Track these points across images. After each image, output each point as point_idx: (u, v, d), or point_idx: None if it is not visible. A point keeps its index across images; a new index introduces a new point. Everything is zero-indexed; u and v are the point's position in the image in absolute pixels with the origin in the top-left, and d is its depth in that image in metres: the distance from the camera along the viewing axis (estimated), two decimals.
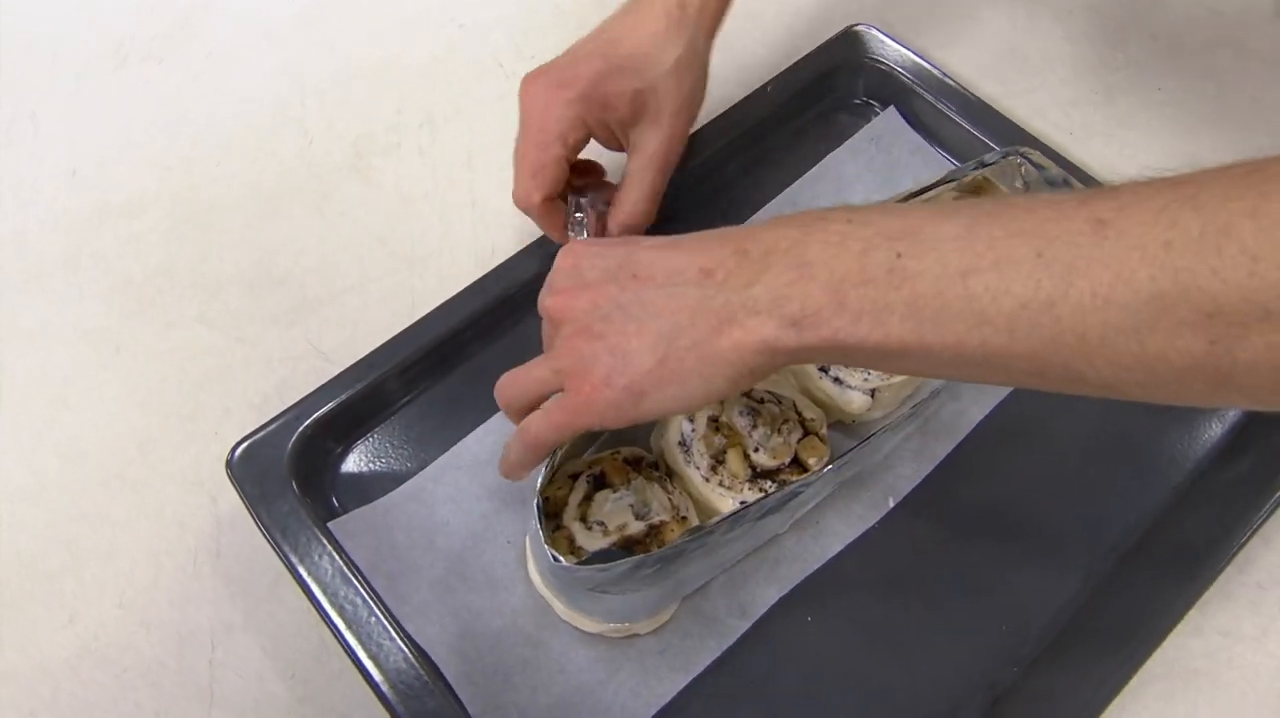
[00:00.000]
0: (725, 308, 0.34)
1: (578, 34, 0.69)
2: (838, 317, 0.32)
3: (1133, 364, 0.27)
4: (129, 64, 0.67)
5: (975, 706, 0.44)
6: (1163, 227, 0.26)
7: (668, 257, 0.36)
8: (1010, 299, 0.29)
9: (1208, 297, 0.25)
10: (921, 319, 0.31)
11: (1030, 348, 0.29)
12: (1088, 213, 0.28)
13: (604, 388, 0.36)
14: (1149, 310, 0.26)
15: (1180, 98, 0.65)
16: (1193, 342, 0.26)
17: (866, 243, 0.32)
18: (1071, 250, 0.28)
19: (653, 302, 0.36)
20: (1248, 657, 0.46)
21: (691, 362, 0.35)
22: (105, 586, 0.48)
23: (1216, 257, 0.25)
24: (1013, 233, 0.29)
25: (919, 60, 0.62)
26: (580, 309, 0.37)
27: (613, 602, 0.41)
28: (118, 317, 0.56)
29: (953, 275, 0.30)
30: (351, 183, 0.62)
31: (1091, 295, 0.27)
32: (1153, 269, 0.26)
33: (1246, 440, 0.50)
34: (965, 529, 0.49)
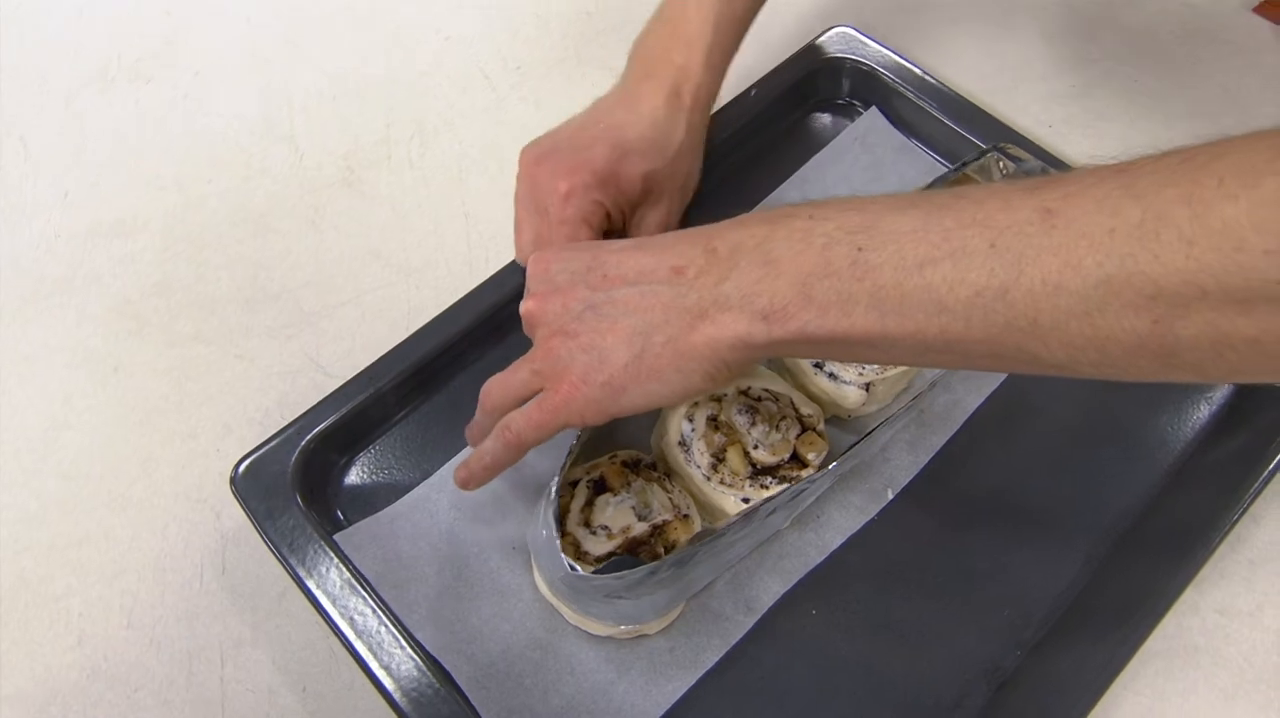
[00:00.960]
0: (698, 304, 0.36)
1: (561, 44, 0.70)
2: (805, 310, 0.33)
3: (1084, 345, 0.29)
4: (117, 85, 0.68)
5: (980, 690, 0.45)
6: (1106, 214, 0.27)
7: (636, 257, 0.38)
8: (966, 288, 0.30)
9: (1149, 280, 0.26)
10: (884, 309, 0.32)
11: (986, 333, 0.30)
12: (1036, 202, 0.29)
13: (582, 385, 0.37)
14: (1097, 294, 0.27)
15: (1155, 89, 0.67)
16: (1138, 322, 0.27)
17: (829, 237, 0.33)
18: (1022, 240, 0.29)
19: (624, 300, 0.37)
20: (1245, 633, 0.47)
21: (668, 357, 0.36)
22: (112, 605, 0.48)
23: (1156, 242, 0.26)
24: (966, 224, 0.30)
25: (900, 60, 0.63)
26: (553, 311, 0.39)
27: (624, 606, 0.42)
28: (115, 337, 0.56)
29: (910, 267, 0.31)
30: (343, 197, 0.62)
31: (1043, 282, 0.28)
32: (1099, 255, 0.27)
33: (1235, 421, 0.51)
34: (964, 517, 0.50)
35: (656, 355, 0.36)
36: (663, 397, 0.37)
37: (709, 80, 0.51)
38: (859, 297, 0.32)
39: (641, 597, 0.41)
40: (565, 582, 0.41)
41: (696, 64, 0.49)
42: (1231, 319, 0.26)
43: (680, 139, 0.50)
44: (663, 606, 0.43)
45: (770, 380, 0.48)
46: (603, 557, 0.43)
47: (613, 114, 0.50)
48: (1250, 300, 0.25)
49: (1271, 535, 0.50)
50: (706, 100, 0.52)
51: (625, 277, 0.37)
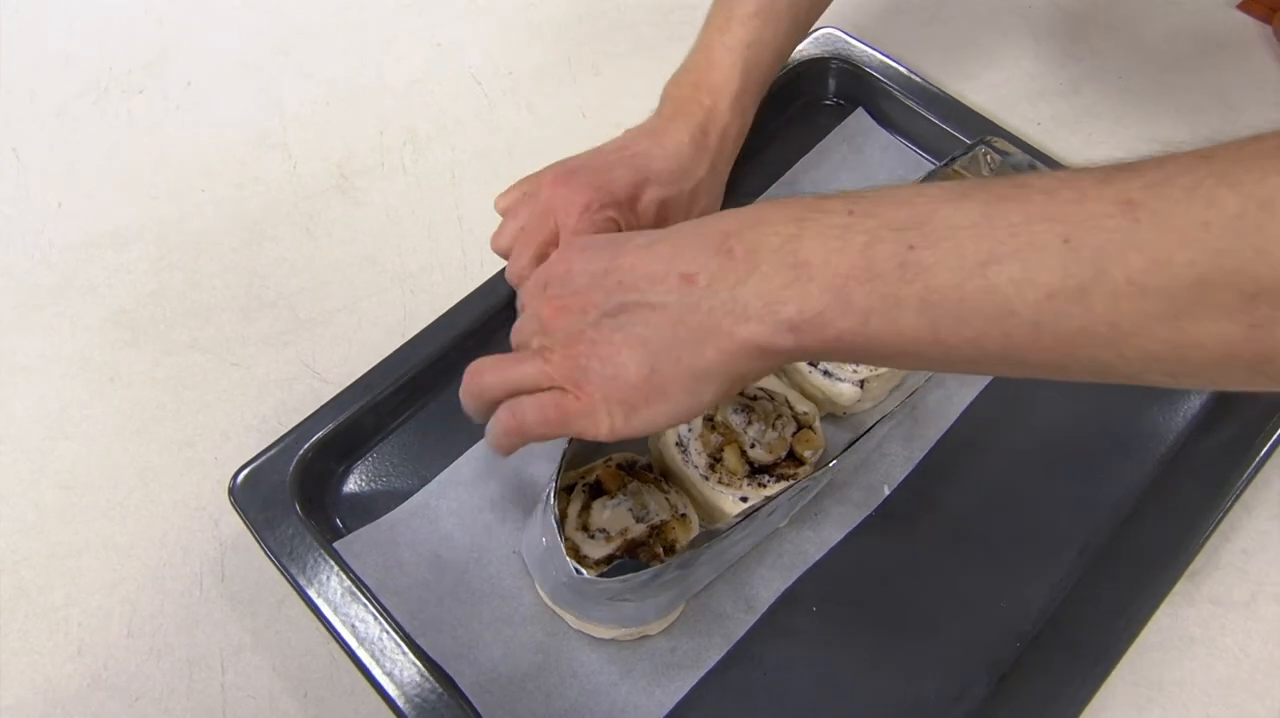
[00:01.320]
0: (708, 318, 0.33)
1: (552, 50, 0.71)
2: (843, 318, 0.30)
3: (1165, 353, 0.26)
4: (109, 96, 0.68)
5: (981, 682, 0.45)
6: (1199, 205, 0.25)
7: (648, 261, 0.35)
8: (1037, 289, 0.27)
9: (1250, 278, 0.24)
10: (937, 315, 0.29)
11: (1057, 340, 0.27)
12: (1114, 193, 0.26)
13: (601, 400, 0.35)
14: (1188, 296, 0.25)
15: (1142, 86, 0.67)
16: (1232, 327, 0.25)
17: (871, 235, 0.30)
18: (1101, 235, 0.26)
19: (635, 314, 0.34)
20: (1240, 623, 0.47)
21: (678, 378, 0.34)
22: (112, 615, 0.48)
23: (1259, 235, 0.23)
24: (1034, 218, 0.27)
25: (887, 60, 0.64)
26: (570, 319, 0.36)
27: (627, 608, 0.42)
28: (111, 347, 0.56)
29: (971, 266, 0.28)
30: (337, 204, 0.62)
31: (1127, 283, 0.26)
32: (1191, 252, 0.24)
33: (1224, 412, 0.52)
34: (960, 511, 0.50)
35: (665, 376, 0.34)
36: (672, 417, 0.35)
37: (735, 122, 0.50)
38: (908, 301, 0.29)
39: (645, 598, 0.41)
40: (569, 587, 0.41)
41: (724, 107, 0.49)
42: None
43: (701, 175, 0.50)
44: (665, 606, 0.44)
45: (765, 379, 0.49)
46: (602, 560, 0.43)
47: (638, 143, 0.49)
48: None
49: (1263, 525, 0.50)
50: (732, 142, 0.51)
51: (637, 284, 0.35)
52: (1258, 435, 0.49)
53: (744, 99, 0.50)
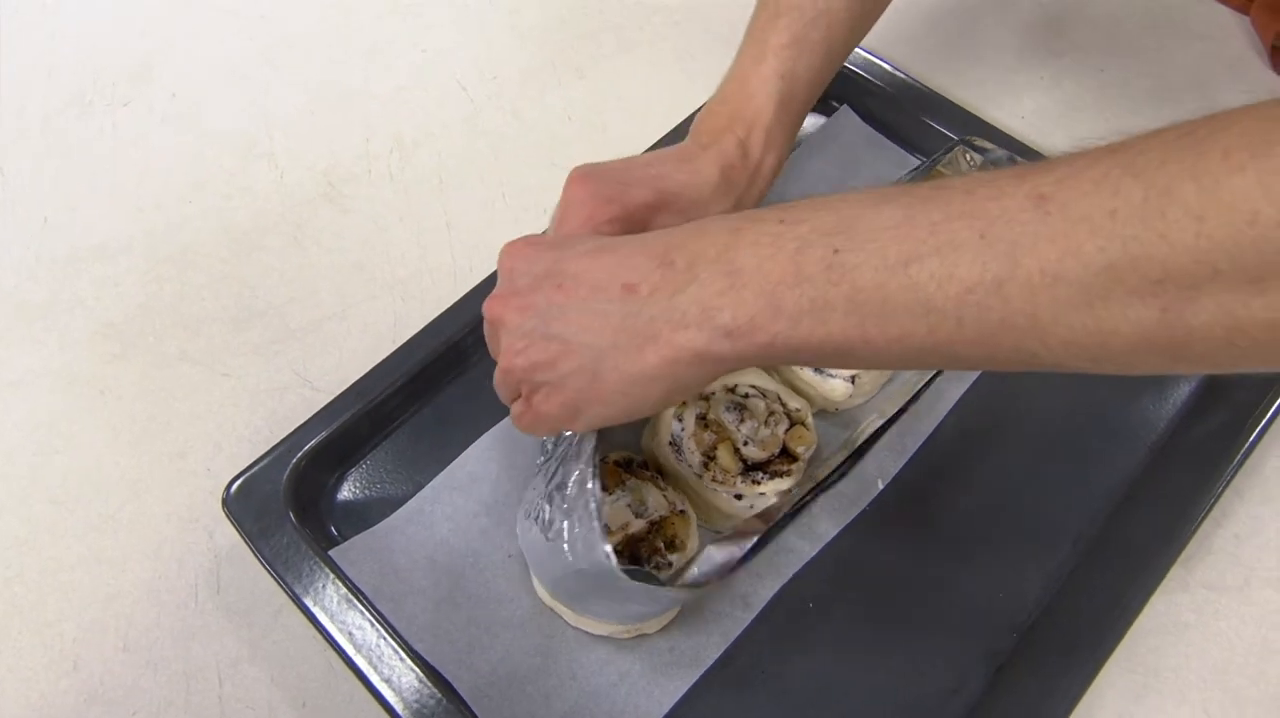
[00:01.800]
0: (650, 326, 0.34)
1: (537, 54, 0.71)
2: (775, 321, 0.31)
3: (1086, 340, 0.27)
4: (94, 109, 0.68)
5: (979, 675, 0.45)
6: (1106, 195, 0.25)
7: (592, 269, 0.36)
8: (956, 284, 0.28)
9: (1156, 263, 0.25)
10: (864, 314, 0.30)
11: (980, 333, 0.28)
12: (1028, 189, 0.27)
13: (545, 403, 0.37)
14: (1100, 283, 0.26)
15: (1123, 78, 0.68)
16: (1145, 311, 0.26)
17: (800, 240, 0.31)
18: (1015, 229, 0.27)
19: (577, 320, 0.35)
20: (1233, 607, 0.48)
21: (618, 383, 0.35)
22: (107, 629, 0.48)
23: (1162, 221, 0.24)
24: (953, 216, 0.28)
25: (870, 57, 0.64)
26: (512, 320, 0.37)
27: (636, 609, 0.42)
28: (100, 360, 0.56)
29: (894, 265, 0.29)
30: (325, 212, 0.62)
31: (1040, 273, 0.26)
32: (1100, 240, 0.25)
33: (1214, 398, 0.52)
34: (954, 504, 0.50)
35: (606, 382, 0.35)
36: (615, 419, 0.37)
37: (769, 158, 0.49)
38: (835, 303, 0.30)
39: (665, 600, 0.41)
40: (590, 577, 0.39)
41: (756, 142, 0.48)
42: (1245, 301, 0.24)
43: (722, 209, 0.47)
44: (667, 603, 0.44)
45: (757, 377, 0.49)
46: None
47: (666, 166, 0.47)
48: (1265, 278, 0.24)
49: (1255, 510, 0.50)
50: (764, 181, 0.50)
51: (579, 291, 0.35)
52: (1247, 421, 0.50)
53: (777, 133, 0.48)
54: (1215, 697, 0.45)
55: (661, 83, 0.70)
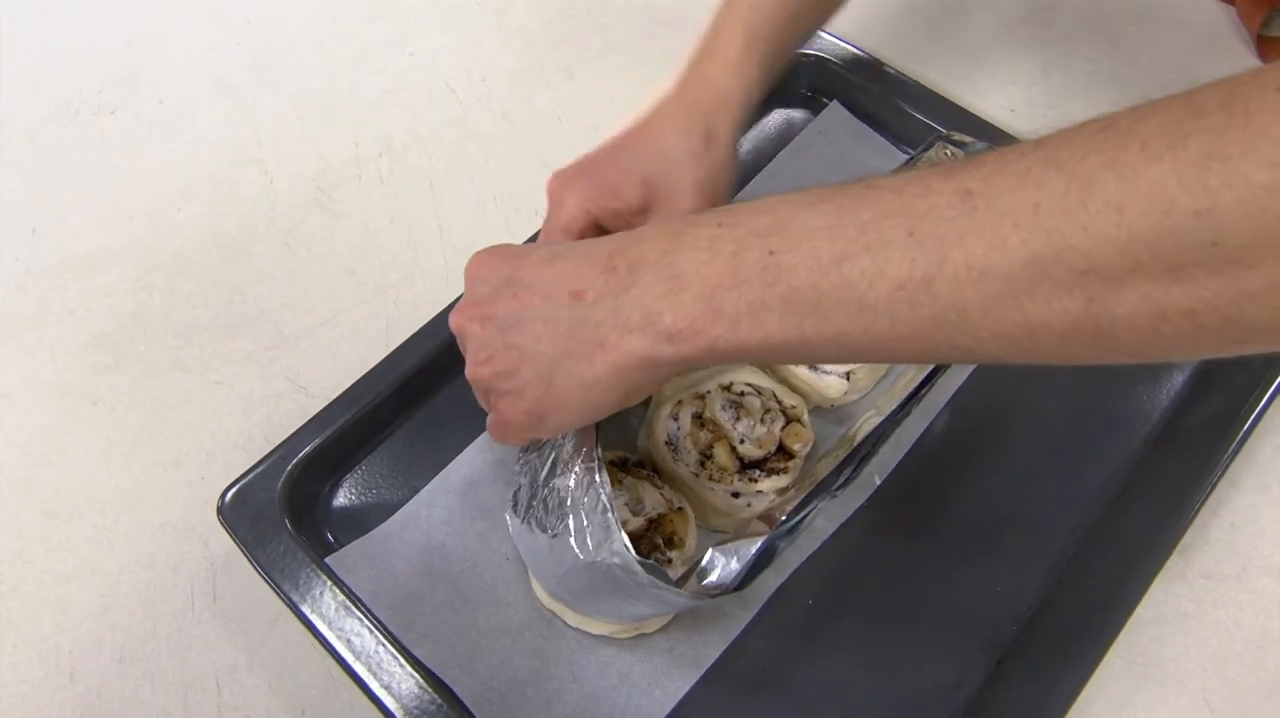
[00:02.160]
0: (596, 332, 0.34)
1: (525, 55, 0.71)
2: (714, 325, 0.32)
3: (1016, 333, 0.27)
4: (80, 118, 0.67)
5: (979, 669, 0.45)
6: (1029, 189, 0.26)
7: (544, 277, 0.36)
8: (886, 282, 0.28)
9: (1079, 254, 0.25)
10: (801, 314, 0.30)
11: (913, 329, 0.29)
12: (955, 185, 0.27)
13: (510, 410, 0.38)
14: (1025, 276, 0.26)
15: (1111, 69, 0.68)
16: (1071, 302, 0.26)
17: (738, 243, 0.32)
18: (942, 225, 0.27)
19: (530, 328, 0.36)
20: (1231, 596, 0.48)
21: (572, 389, 0.36)
22: (103, 641, 0.48)
23: (1083, 212, 0.25)
24: (882, 214, 0.29)
25: (858, 53, 0.64)
26: (474, 331, 0.39)
27: (643, 610, 0.42)
28: (92, 370, 0.56)
29: (826, 265, 0.29)
30: (316, 217, 0.62)
31: (967, 268, 0.27)
32: (1024, 233, 0.26)
33: (1208, 387, 0.52)
34: (951, 498, 0.50)
35: (562, 389, 0.36)
36: (582, 422, 0.38)
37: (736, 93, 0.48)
38: (772, 304, 0.31)
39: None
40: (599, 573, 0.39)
41: (724, 74, 0.48)
42: (1166, 290, 0.25)
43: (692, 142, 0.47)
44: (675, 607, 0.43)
45: (752, 374, 0.49)
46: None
47: (632, 124, 0.48)
48: (1183, 267, 0.24)
49: (1250, 498, 0.50)
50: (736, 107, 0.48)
51: (531, 299, 0.36)
52: (1240, 410, 0.50)
53: (746, 66, 0.48)
54: (1215, 686, 0.45)
55: (651, 83, 0.69)
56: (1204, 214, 0.23)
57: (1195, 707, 0.45)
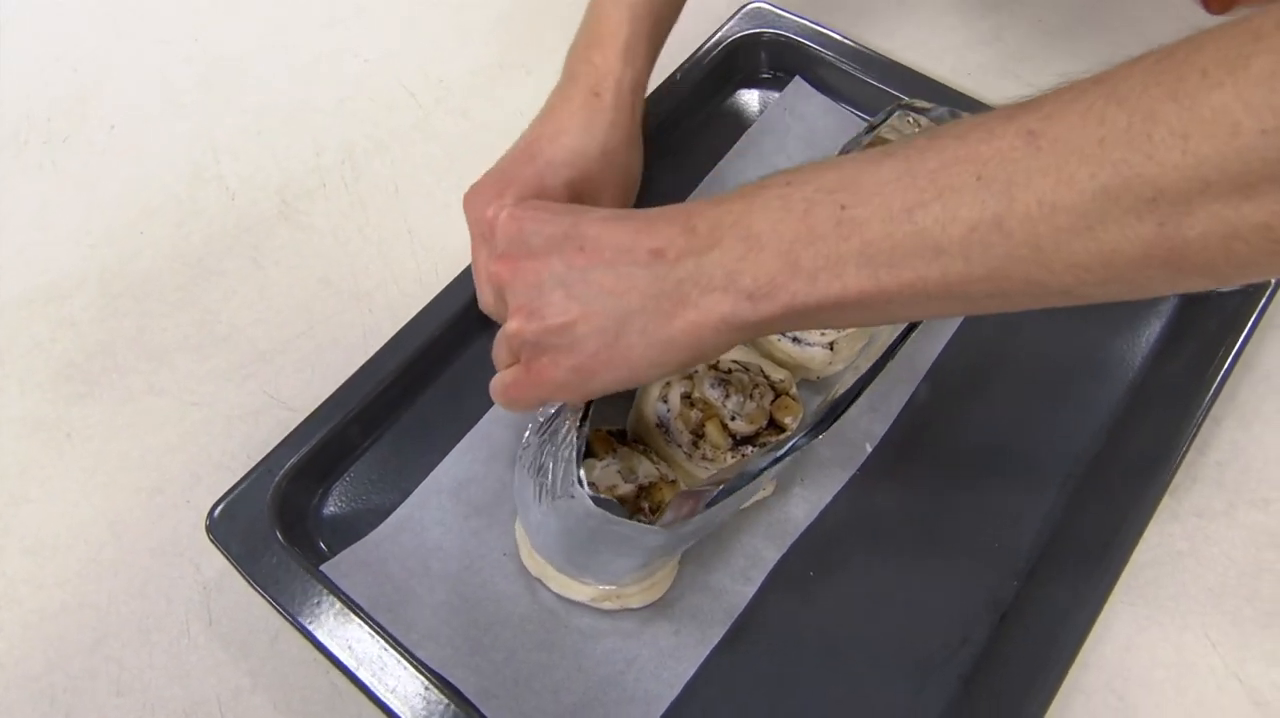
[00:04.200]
0: (678, 289, 0.34)
1: (482, 53, 0.70)
2: (793, 280, 0.32)
3: (1090, 263, 0.28)
4: (30, 147, 0.66)
5: (984, 624, 0.45)
6: (1093, 125, 0.27)
7: (615, 232, 0.36)
8: (959, 225, 0.29)
9: (1147, 182, 0.26)
10: (877, 264, 0.31)
11: (988, 269, 0.29)
12: (1017, 127, 0.28)
13: (552, 369, 0.36)
14: (1095, 206, 0.27)
15: (1061, 26, 0.69)
16: (1142, 228, 0.26)
17: (809, 201, 0.32)
18: (1009, 167, 0.28)
19: (599, 281, 0.35)
20: (1223, 531, 0.48)
21: (642, 347, 0.35)
22: (98, 675, 0.47)
23: (1149, 143, 0.25)
24: (949, 162, 0.29)
25: (815, 27, 0.64)
26: (525, 281, 0.37)
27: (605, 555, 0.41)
28: (64, 402, 0.55)
29: (898, 215, 0.30)
30: (283, 230, 0.61)
31: (1038, 204, 0.28)
32: (1091, 167, 0.26)
33: (1184, 330, 0.53)
34: (942, 460, 0.50)
35: (630, 345, 0.35)
36: (631, 382, 0.37)
37: (630, 74, 0.49)
38: (848, 256, 0.31)
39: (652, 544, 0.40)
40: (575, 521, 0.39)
41: (613, 60, 0.48)
42: (1237, 208, 0.25)
43: (602, 138, 0.48)
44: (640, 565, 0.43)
45: (738, 351, 0.49)
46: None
47: (535, 130, 0.48)
48: (1253, 184, 0.25)
49: (1233, 435, 0.51)
50: (630, 94, 0.50)
51: (601, 253, 0.35)
52: (1218, 351, 0.50)
53: (635, 46, 0.48)
54: (1215, 620, 0.46)
55: None
56: (1270, 132, 0.24)
57: (1197, 642, 0.46)
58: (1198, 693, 0.44)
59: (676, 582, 0.46)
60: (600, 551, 0.41)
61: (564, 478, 0.37)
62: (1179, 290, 0.29)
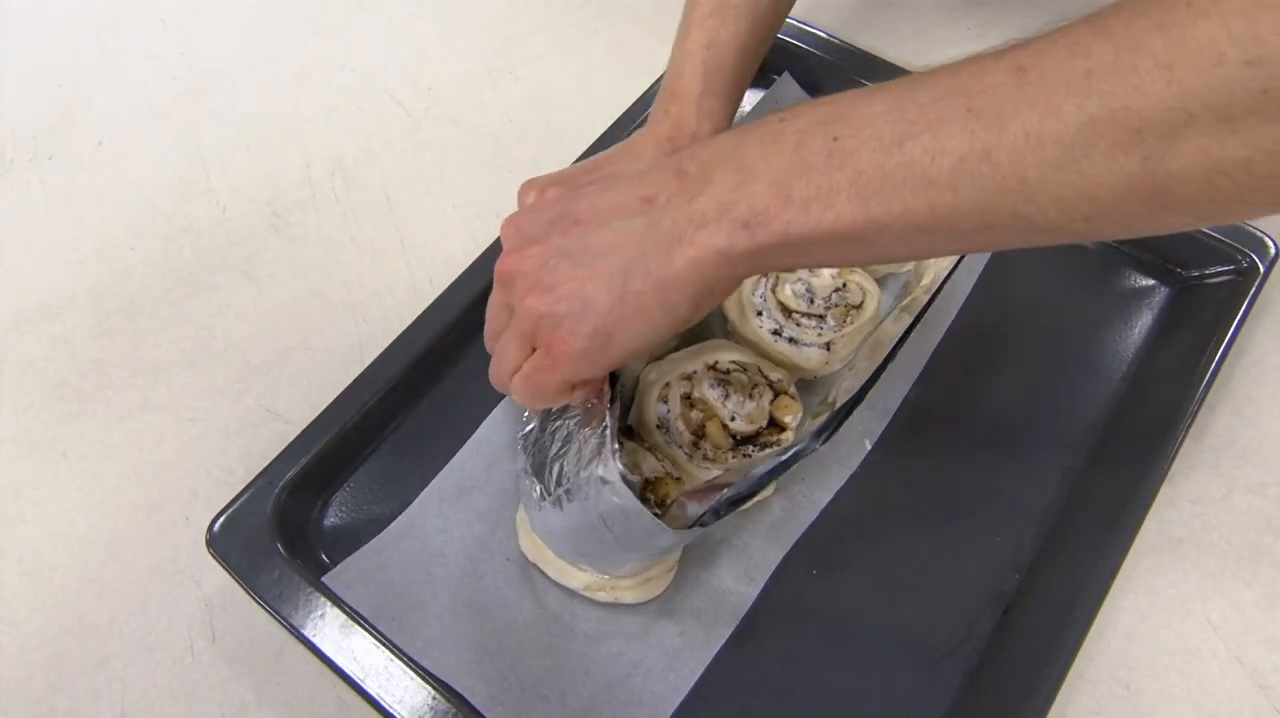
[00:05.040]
0: (673, 229, 0.34)
1: (468, 59, 0.70)
2: (786, 209, 0.32)
3: (1075, 198, 0.28)
4: (16, 166, 0.65)
5: (987, 618, 0.46)
6: (1080, 58, 0.27)
7: (606, 195, 0.37)
8: (948, 156, 0.29)
9: (1133, 113, 0.26)
10: (867, 194, 0.31)
11: (976, 201, 0.29)
12: (1007, 63, 0.29)
13: (570, 339, 0.36)
14: (1081, 139, 0.27)
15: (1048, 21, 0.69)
16: (1127, 161, 0.27)
17: (801, 134, 0.33)
18: (999, 99, 0.28)
19: (598, 242, 0.36)
20: (1220, 517, 0.49)
21: (650, 292, 0.35)
22: (101, 696, 0.46)
23: (1134, 74, 0.26)
24: (940, 95, 0.30)
25: (802, 26, 0.64)
26: (529, 267, 0.37)
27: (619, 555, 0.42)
28: (58, 421, 0.54)
29: (889, 145, 0.30)
30: (274, 243, 0.61)
31: (1025, 136, 0.28)
32: (1078, 99, 0.27)
33: (1177, 319, 0.54)
34: (941, 455, 0.51)
35: (639, 293, 0.35)
36: (651, 334, 0.36)
37: (705, 127, 0.49)
38: (839, 186, 0.31)
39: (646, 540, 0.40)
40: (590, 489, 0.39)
41: (689, 114, 0.48)
42: (1221, 141, 0.25)
43: None
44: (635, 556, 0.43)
45: (736, 352, 0.49)
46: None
47: (607, 161, 0.48)
48: (1236, 117, 0.25)
49: (1227, 420, 0.52)
50: None
51: (597, 218, 0.36)
52: (1211, 337, 0.51)
53: (708, 101, 0.49)
54: (1216, 605, 0.46)
55: (597, 75, 0.69)
56: (1254, 63, 0.24)
57: (1199, 628, 0.46)
58: (1201, 678, 0.45)
59: (680, 583, 0.47)
60: (606, 538, 0.41)
61: (589, 457, 0.37)
62: (1163, 230, 0.29)
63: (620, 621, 0.46)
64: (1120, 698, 0.44)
